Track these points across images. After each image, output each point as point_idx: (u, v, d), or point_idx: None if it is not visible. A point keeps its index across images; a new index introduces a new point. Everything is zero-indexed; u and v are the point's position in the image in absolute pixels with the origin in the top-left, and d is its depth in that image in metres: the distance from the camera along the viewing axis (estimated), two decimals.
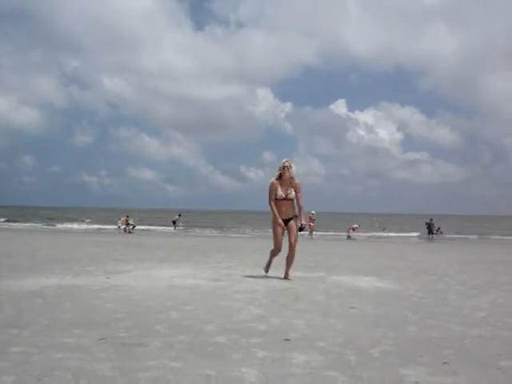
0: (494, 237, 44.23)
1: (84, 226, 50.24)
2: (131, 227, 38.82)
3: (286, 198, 8.99)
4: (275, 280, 8.95)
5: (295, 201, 9.12)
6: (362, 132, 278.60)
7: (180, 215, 47.73)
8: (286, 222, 9.08)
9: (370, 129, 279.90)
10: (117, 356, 4.11)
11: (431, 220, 40.78)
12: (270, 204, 9.02)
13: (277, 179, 9.02)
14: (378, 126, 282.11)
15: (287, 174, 8.93)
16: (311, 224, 33.05)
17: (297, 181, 9.10)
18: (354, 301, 6.61)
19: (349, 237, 36.79)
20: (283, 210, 9.02)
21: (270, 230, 9.45)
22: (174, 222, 46.04)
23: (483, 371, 3.89)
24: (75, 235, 30.70)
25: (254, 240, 28.97)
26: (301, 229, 9.14)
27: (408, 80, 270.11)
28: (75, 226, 50.55)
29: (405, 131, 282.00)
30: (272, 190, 9.00)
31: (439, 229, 42.54)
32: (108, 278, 8.86)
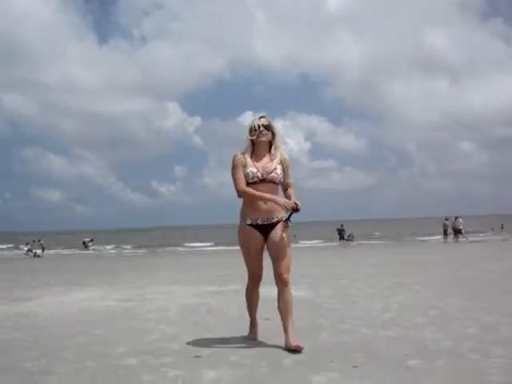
0: (404, 238, 45.73)
1: None
2: (40, 251, 37.47)
3: (264, 180, 4.88)
4: (187, 295, 8.84)
5: (281, 187, 5.08)
6: None
7: (92, 240, 46.40)
8: (267, 228, 4.94)
9: None
10: None
11: (342, 226, 41.72)
12: (242, 191, 4.91)
13: (243, 153, 5.00)
14: (286, 136, 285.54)
15: (264, 138, 4.95)
16: None
17: (284, 154, 5.07)
18: (269, 312, 6.64)
19: None
20: (259, 203, 4.90)
21: (236, 248, 5.56)
22: (84, 244, 44.77)
23: (391, 372, 3.97)
24: None
25: (167, 257, 28.65)
26: (296, 209, 4.83)
27: (314, 89, 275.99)
28: None
29: (312, 140, 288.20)
30: (237, 166, 4.95)
31: (350, 234, 43.55)
32: (14, 305, 8.47)
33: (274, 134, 5.02)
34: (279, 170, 4.93)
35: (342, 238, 41.34)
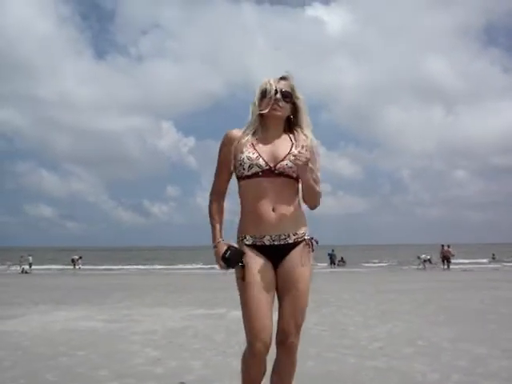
0: (394, 265, 45.66)
1: None
2: (27, 266, 37.16)
3: (272, 172, 3.08)
4: (175, 318, 8.74)
5: (302, 187, 3.19)
6: None
7: (81, 257, 46.03)
8: (278, 252, 3.12)
9: None
10: None
11: (333, 251, 41.62)
12: (212, 197, 3.31)
13: (245, 131, 3.21)
14: None
15: (280, 112, 3.17)
16: None
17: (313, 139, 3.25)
18: None
19: None
20: (265, 208, 3.08)
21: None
22: (73, 261, 44.40)
23: None
24: None
25: (157, 277, 28.44)
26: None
27: (310, 112, 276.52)
28: None
29: None
30: (223, 152, 3.25)
31: (342, 259, 43.46)
32: None
33: (296, 108, 3.21)
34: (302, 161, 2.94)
35: (332, 262, 41.22)
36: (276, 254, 3.09)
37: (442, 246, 36.75)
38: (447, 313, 9.63)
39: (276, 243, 3.07)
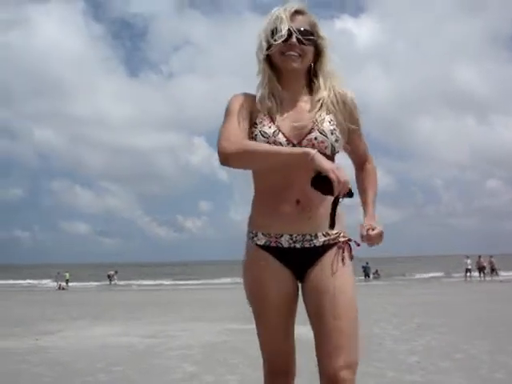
0: (428, 277, 45.06)
1: (12, 282, 48.11)
2: (64, 283, 37.67)
3: (300, 141, 2.16)
4: (211, 332, 8.78)
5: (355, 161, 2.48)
6: None
7: (116, 272, 46.49)
8: (303, 257, 2.21)
9: None
10: None
11: (367, 263, 41.24)
12: (226, 153, 2.13)
13: (257, 97, 2.27)
14: None
15: (296, 63, 2.20)
16: None
17: (346, 91, 2.28)
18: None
19: None
20: (286, 198, 2.16)
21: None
22: (109, 277, 44.86)
23: None
24: (5, 294, 29.53)
25: (192, 292, 28.55)
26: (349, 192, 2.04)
27: None
28: (11, 281, 48.40)
29: None
30: (233, 113, 2.23)
31: (376, 271, 43.05)
32: (37, 339, 8.50)
33: (319, 52, 2.27)
34: (329, 126, 2.20)
35: (367, 275, 40.85)
36: (297, 260, 2.19)
37: (479, 256, 36.24)
38: (484, 325, 9.49)
39: (298, 246, 2.17)
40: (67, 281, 38.33)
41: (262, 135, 2.15)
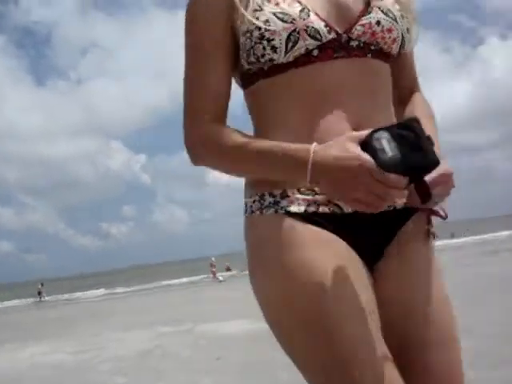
0: None
1: None
2: None
3: (344, 48, 1.15)
4: (142, 339, 8.79)
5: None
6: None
7: (42, 284, 45.29)
8: (369, 230, 1.18)
9: None
10: None
11: None
12: (196, 143, 1.22)
13: None
14: None
15: None
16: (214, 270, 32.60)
17: None
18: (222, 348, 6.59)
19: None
20: (336, 128, 1.12)
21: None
22: (39, 293, 43.64)
23: None
24: None
25: (124, 299, 28.22)
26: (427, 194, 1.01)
27: None
28: None
29: None
30: (198, 49, 1.22)
31: None
32: None
33: None
34: (396, 6, 1.20)
35: None
36: (368, 235, 1.20)
37: None
38: None
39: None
40: None
41: (280, 19, 1.13)
